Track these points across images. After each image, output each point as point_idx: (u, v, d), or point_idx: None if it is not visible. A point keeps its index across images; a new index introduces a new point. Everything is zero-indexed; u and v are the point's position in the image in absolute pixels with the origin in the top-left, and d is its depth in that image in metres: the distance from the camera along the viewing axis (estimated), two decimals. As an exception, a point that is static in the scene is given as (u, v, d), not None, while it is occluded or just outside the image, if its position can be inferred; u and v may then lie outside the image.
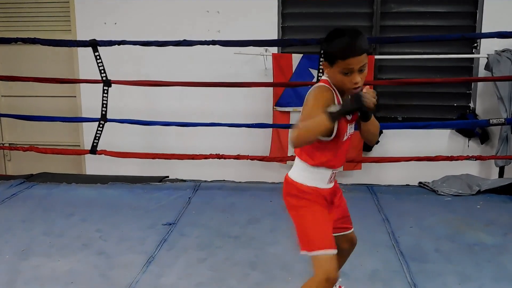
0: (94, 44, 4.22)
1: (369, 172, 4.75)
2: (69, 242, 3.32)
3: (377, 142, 4.50)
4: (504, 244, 3.22)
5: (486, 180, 4.34)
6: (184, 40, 4.14)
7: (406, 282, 2.73)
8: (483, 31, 4.45)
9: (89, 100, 4.99)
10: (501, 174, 4.52)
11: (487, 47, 4.43)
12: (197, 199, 4.19)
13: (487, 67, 4.34)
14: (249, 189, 4.50)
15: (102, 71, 4.32)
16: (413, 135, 4.60)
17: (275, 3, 4.70)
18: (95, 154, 4.47)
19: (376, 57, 4.53)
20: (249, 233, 3.46)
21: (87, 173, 5.20)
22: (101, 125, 4.44)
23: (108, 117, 4.44)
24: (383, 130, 4.54)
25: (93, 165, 5.12)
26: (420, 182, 4.49)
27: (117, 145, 4.64)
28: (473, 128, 4.57)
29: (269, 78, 4.59)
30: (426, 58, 4.59)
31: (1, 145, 5.41)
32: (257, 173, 4.80)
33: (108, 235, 3.43)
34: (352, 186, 4.48)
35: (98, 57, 4.27)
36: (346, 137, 2.03)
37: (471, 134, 4.63)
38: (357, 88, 1.86)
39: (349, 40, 1.83)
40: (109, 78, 4.35)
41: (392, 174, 4.70)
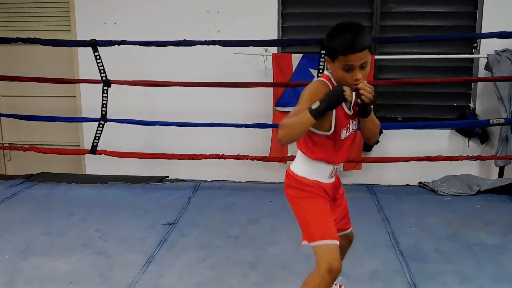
0: (94, 44, 4.22)
1: (369, 172, 4.75)
2: (69, 242, 3.32)
3: (377, 142, 4.50)
4: (504, 244, 3.21)
5: (486, 180, 4.34)
6: (184, 40, 4.14)
7: (406, 282, 2.73)
8: (483, 31, 4.45)
9: (89, 100, 4.99)
10: (501, 174, 4.52)
11: (487, 47, 4.43)
12: (197, 199, 4.19)
13: (487, 67, 4.34)
14: (249, 189, 4.49)
15: (102, 71, 4.32)
16: (413, 135, 4.60)
17: (275, 3, 4.70)
18: (95, 154, 4.47)
19: (376, 57, 4.53)
20: (249, 233, 3.45)
21: (87, 173, 5.20)
22: (101, 125, 4.45)
23: (108, 117, 4.44)
24: (383, 130, 4.54)
25: (93, 165, 5.12)
26: (420, 182, 4.50)
27: (117, 145, 4.65)
28: (473, 128, 4.57)
29: (269, 78, 4.59)
30: (426, 58, 4.59)
31: (1, 145, 5.41)
32: (257, 173, 4.80)
33: (108, 235, 3.43)
34: (352, 186, 4.47)
35: (98, 57, 4.27)
36: (348, 133, 2.01)
37: (471, 134, 4.63)
38: (358, 84, 1.84)
39: (350, 37, 1.81)
40: (109, 78, 4.35)
41: (392, 174, 4.70)
